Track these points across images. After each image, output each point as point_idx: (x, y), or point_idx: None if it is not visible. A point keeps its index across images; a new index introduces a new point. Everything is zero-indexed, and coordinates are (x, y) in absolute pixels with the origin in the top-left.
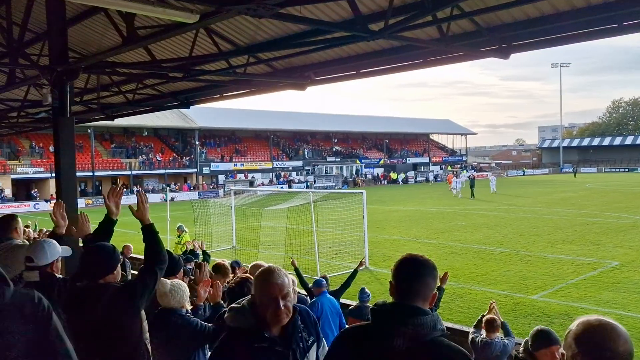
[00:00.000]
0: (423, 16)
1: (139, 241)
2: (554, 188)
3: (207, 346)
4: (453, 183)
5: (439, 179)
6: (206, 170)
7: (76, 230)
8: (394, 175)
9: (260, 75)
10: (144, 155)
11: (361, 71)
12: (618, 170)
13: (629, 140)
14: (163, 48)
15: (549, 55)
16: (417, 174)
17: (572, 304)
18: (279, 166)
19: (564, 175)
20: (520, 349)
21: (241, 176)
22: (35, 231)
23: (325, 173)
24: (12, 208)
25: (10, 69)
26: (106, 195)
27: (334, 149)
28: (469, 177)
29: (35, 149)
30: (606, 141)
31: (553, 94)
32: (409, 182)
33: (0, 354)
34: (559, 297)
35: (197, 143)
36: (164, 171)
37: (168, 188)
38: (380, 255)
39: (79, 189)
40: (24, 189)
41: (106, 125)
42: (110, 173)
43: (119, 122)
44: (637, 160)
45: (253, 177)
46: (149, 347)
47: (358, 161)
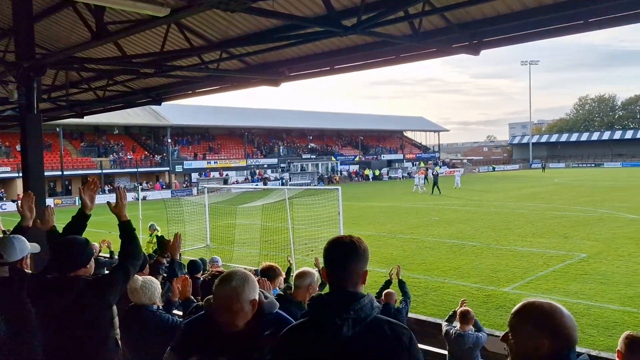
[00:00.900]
0: (395, 12)
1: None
2: (523, 183)
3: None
4: (415, 179)
5: (412, 175)
6: (179, 168)
7: (41, 223)
8: (367, 172)
9: (233, 71)
10: (115, 154)
11: (335, 67)
12: (585, 165)
13: (595, 136)
14: (134, 43)
15: (519, 53)
16: (388, 170)
17: (542, 295)
18: (253, 164)
19: (533, 171)
20: None
21: (215, 174)
22: None
23: (301, 170)
24: None
25: None
26: (81, 189)
27: (309, 146)
28: (433, 174)
29: (1, 148)
30: (573, 137)
31: (523, 91)
32: (383, 179)
33: None
34: (529, 289)
35: (169, 141)
36: (135, 170)
37: (140, 187)
38: None
39: (47, 188)
40: None
41: (76, 124)
42: (80, 172)
43: (89, 120)
44: (603, 156)
45: (227, 175)
46: (119, 343)
47: (333, 158)
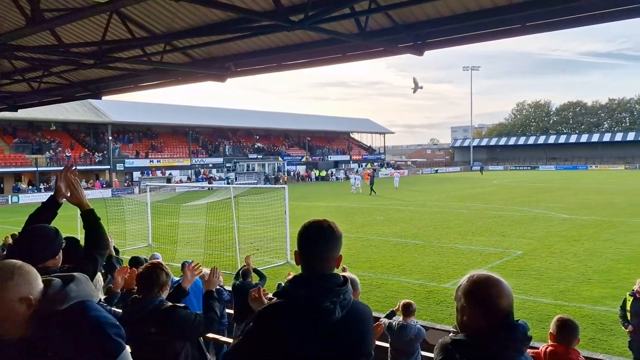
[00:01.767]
0: (340, 8)
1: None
2: (464, 184)
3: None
4: (351, 179)
5: (349, 176)
6: (120, 167)
7: None
8: (316, 173)
9: (178, 65)
10: (51, 151)
11: (282, 63)
12: (522, 168)
13: (531, 140)
14: (72, 33)
15: (461, 59)
16: (334, 171)
17: None
18: (198, 163)
19: (473, 173)
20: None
21: (158, 173)
22: None
23: (247, 170)
24: None
25: None
26: (59, 174)
27: (255, 146)
28: (370, 175)
29: None
30: (511, 141)
31: (464, 96)
32: (330, 180)
33: None
34: None
35: (110, 138)
36: (73, 168)
37: None
38: None
39: None
40: None
41: (7, 118)
42: (13, 169)
43: (23, 115)
44: (539, 159)
45: (171, 174)
46: None
47: (280, 158)
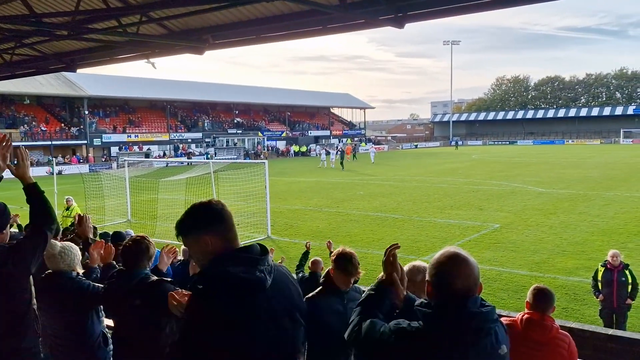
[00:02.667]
0: None
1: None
2: (444, 159)
3: (102, 308)
4: (322, 155)
5: (319, 152)
6: (97, 141)
7: None
8: (295, 148)
9: (154, 37)
10: (25, 126)
11: (261, 36)
12: (500, 142)
13: (510, 115)
14: (44, 2)
15: (441, 33)
16: (312, 146)
17: None
18: (176, 138)
19: (453, 148)
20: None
21: (136, 148)
22: None
23: (227, 145)
24: None
25: None
26: None
27: (235, 121)
28: (339, 151)
29: None
30: (490, 116)
31: (444, 71)
32: (311, 155)
33: None
34: None
35: (86, 113)
36: (49, 142)
37: (55, 160)
38: (283, 225)
39: None
40: None
41: None
42: None
43: None
44: (517, 134)
45: (149, 150)
46: (37, 314)
47: (260, 133)
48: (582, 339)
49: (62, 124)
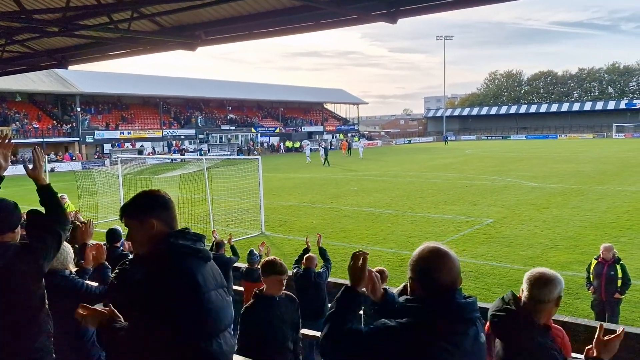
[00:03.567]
0: None
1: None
2: (437, 155)
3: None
4: (306, 150)
5: (332, 147)
6: (90, 139)
7: None
8: (289, 144)
9: (146, 33)
10: (17, 123)
11: (254, 32)
12: (493, 137)
13: (503, 110)
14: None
15: (434, 28)
16: (305, 142)
17: None
18: (170, 134)
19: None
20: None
21: (129, 145)
22: None
23: (220, 141)
24: None
25: None
26: None
27: (228, 117)
28: (324, 147)
29: None
30: (483, 111)
31: (437, 66)
32: (304, 151)
33: None
34: None
35: (78, 109)
36: (41, 140)
37: (47, 158)
38: (277, 221)
39: None
40: None
41: None
42: None
43: None
44: (510, 129)
45: (142, 146)
46: (50, 314)
47: (253, 130)
48: (575, 332)
49: (54, 121)
